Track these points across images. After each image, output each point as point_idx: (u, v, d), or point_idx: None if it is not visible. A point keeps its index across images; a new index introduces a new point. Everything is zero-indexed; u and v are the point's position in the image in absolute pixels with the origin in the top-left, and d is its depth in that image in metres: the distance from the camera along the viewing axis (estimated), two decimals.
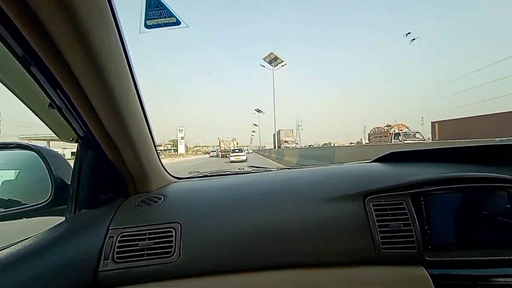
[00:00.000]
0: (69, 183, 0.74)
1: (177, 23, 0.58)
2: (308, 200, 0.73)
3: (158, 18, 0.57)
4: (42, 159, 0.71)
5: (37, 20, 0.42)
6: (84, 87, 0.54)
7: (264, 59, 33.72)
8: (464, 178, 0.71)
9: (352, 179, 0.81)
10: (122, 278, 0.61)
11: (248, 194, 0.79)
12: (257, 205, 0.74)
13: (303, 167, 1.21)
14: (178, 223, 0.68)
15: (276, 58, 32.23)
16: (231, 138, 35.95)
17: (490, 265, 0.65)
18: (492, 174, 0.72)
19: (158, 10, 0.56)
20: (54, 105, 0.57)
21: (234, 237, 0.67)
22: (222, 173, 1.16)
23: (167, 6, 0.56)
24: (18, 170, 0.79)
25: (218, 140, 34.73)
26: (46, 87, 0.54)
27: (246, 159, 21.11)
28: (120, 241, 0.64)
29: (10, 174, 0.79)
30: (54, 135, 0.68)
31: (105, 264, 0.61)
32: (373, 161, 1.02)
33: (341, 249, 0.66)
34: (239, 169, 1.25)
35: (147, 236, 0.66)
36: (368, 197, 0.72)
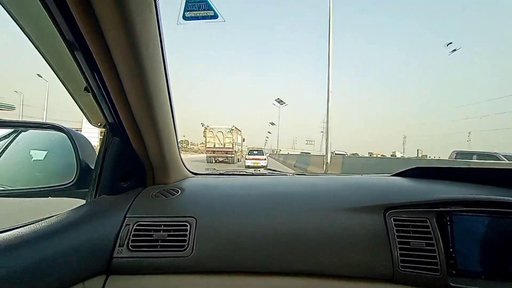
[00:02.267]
0: (93, 167, 0.76)
1: (215, 16, 0.58)
2: (325, 208, 0.70)
3: (197, 10, 0.57)
4: (71, 141, 0.73)
5: (89, 4, 0.44)
6: (120, 72, 0.56)
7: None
8: (496, 202, 0.65)
9: (373, 191, 0.77)
10: (134, 266, 0.61)
11: (264, 196, 0.77)
12: (273, 208, 0.71)
13: (319, 175, 1.18)
14: (193, 217, 0.67)
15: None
16: (227, 127, 18.12)
17: None
18: None
19: (197, 2, 0.56)
20: (89, 89, 0.59)
21: (249, 238, 0.65)
22: (238, 172, 1.15)
23: None
24: (47, 151, 0.82)
25: (204, 130, 18.10)
26: (85, 70, 0.56)
27: (267, 164, 14.23)
28: (136, 230, 0.64)
29: (41, 154, 0.82)
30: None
31: (119, 251, 0.61)
32: (395, 175, 0.97)
33: (356, 262, 0.62)
34: (255, 170, 1.24)
35: (162, 227, 0.65)
36: (390, 211, 0.67)
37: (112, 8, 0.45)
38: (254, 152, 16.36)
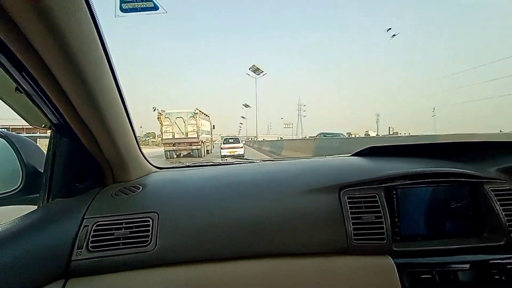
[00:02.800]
0: (42, 171, 0.71)
1: (155, 8, 0.56)
2: (286, 192, 0.75)
3: (134, 2, 0.54)
4: (11, 146, 0.68)
5: None
6: (53, 71, 0.51)
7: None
8: (433, 173, 0.76)
9: (330, 172, 0.84)
10: (96, 267, 0.61)
11: (227, 186, 0.80)
12: (235, 196, 0.75)
13: (285, 159, 1.24)
14: (155, 212, 0.68)
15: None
16: (189, 110, 14.47)
17: (449, 254, 0.71)
18: (456, 169, 0.77)
19: None
20: (21, 89, 0.54)
21: (212, 227, 0.68)
22: (205, 163, 1.16)
23: None
24: None
25: (158, 116, 14.10)
26: (11, 70, 0.51)
27: (244, 153, 13.32)
28: (95, 230, 0.64)
29: None
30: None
31: (78, 254, 0.61)
32: (353, 155, 1.05)
33: (316, 240, 0.69)
34: (222, 159, 1.25)
35: (124, 225, 0.65)
36: (344, 190, 0.75)
37: (31, 8, 0.40)
38: (230, 140, 14.84)
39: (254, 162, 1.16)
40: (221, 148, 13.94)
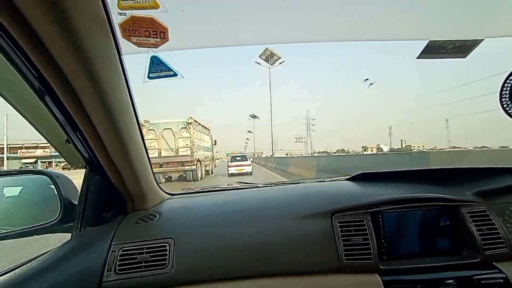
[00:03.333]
0: (76, 203, 0.84)
1: (175, 75, 0.72)
2: (284, 217, 0.86)
3: (159, 72, 0.70)
4: (53, 182, 0.81)
5: (55, 63, 0.53)
6: (96, 125, 0.67)
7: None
8: (414, 199, 0.87)
9: (324, 198, 0.95)
10: (123, 287, 0.72)
11: (233, 212, 0.91)
12: (241, 221, 0.86)
13: (285, 183, 1.35)
14: (171, 238, 0.79)
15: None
16: (180, 120, 11.05)
17: (432, 271, 0.79)
18: (435, 194, 0.87)
19: (159, 66, 0.69)
20: (70, 141, 0.69)
21: (220, 250, 0.78)
22: (213, 189, 1.28)
23: (166, 63, 0.69)
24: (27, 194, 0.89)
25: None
26: (65, 125, 0.66)
27: (252, 171, 13.33)
28: (121, 255, 0.75)
29: (25, 196, 0.89)
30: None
31: (108, 276, 0.71)
32: (347, 179, 1.16)
33: (310, 260, 0.79)
34: (227, 184, 1.37)
35: (145, 250, 0.76)
36: (335, 215, 0.84)
37: (82, 71, 0.55)
38: (237, 158, 14.28)
39: (257, 187, 1.27)
40: (229, 166, 13.64)
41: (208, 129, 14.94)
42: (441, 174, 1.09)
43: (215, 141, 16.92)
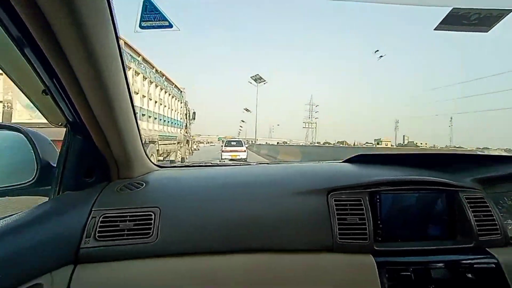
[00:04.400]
0: (55, 165, 0.78)
1: (170, 26, 0.64)
2: (278, 194, 0.82)
3: (152, 21, 0.63)
4: (29, 140, 0.74)
5: (37, 5, 0.45)
6: (78, 74, 0.58)
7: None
8: (412, 181, 0.85)
9: (320, 176, 0.92)
10: (102, 254, 0.67)
11: (225, 185, 0.87)
12: (232, 195, 0.82)
13: (280, 162, 1.31)
14: (157, 207, 0.74)
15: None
16: None
17: (426, 254, 0.78)
18: (435, 178, 0.85)
19: (152, 13, 0.61)
20: (47, 91, 0.62)
21: (208, 223, 0.74)
22: (204, 164, 1.23)
23: (161, 10, 0.62)
24: None
25: None
26: (42, 74, 0.58)
27: (247, 157, 12.39)
28: (102, 221, 0.70)
29: None
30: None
31: (86, 242, 0.66)
32: (344, 162, 1.14)
33: (303, 238, 0.76)
34: (219, 161, 1.33)
35: (128, 218, 0.71)
36: (331, 193, 0.82)
37: (63, 14, 0.47)
38: (232, 143, 13.46)
39: (250, 165, 1.23)
40: (222, 151, 12.87)
41: (180, 90, 10.01)
42: (441, 159, 1.07)
43: (194, 112, 12.08)
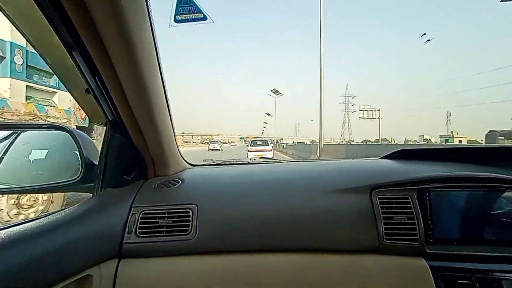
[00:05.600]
0: (96, 163, 0.81)
1: (204, 18, 0.62)
2: (317, 191, 0.78)
3: (187, 14, 0.61)
4: (74, 140, 0.78)
5: (87, 10, 0.48)
6: (120, 75, 0.60)
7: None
8: (468, 177, 0.74)
9: (361, 173, 0.85)
10: (143, 250, 0.68)
11: (260, 182, 0.84)
12: (268, 192, 0.79)
13: (312, 160, 1.26)
14: (194, 204, 0.74)
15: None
16: None
17: (488, 261, 0.68)
18: (494, 174, 0.74)
19: (187, 6, 0.60)
20: (90, 90, 0.64)
21: (246, 220, 0.72)
22: (235, 162, 1.22)
23: (195, 2, 0.60)
24: (48, 150, 0.87)
25: None
26: (86, 73, 0.60)
27: (273, 157, 12.22)
28: (142, 218, 0.71)
29: (42, 153, 0.87)
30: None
31: (128, 237, 0.68)
32: (382, 158, 1.05)
33: (346, 238, 0.71)
34: (250, 159, 1.31)
35: (166, 215, 0.72)
36: (375, 191, 0.75)
37: (107, 13, 0.49)
38: (258, 142, 13.63)
39: (281, 162, 1.19)
40: (248, 151, 13.26)
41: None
42: (497, 153, 0.94)
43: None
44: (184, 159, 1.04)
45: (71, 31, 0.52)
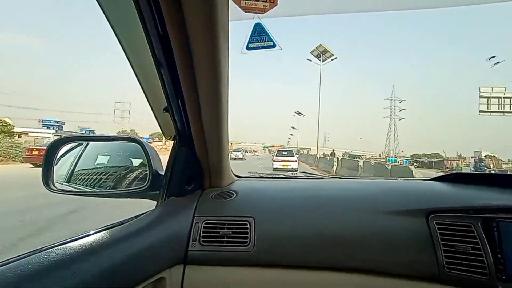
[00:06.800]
0: (161, 173, 0.89)
1: (273, 46, 0.68)
2: (371, 211, 0.77)
3: (258, 42, 0.67)
4: (144, 151, 0.87)
5: (186, 35, 0.55)
6: (200, 91, 0.67)
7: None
8: None
9: (414, 195, 0.83)
10: (206, 258, 0.72)
11: (312, 199, 0.86)
12: (323, 210, 0.80)
13: (354, 178, 1.24)
14: (251, 217, 0.78)
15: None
16: None
17: None
18: None
19: (260, 35, 0.66)
20: (169, 108, 0.72)
21: (303, 236, 0.74)
22: (277, 175, 1.25)
23: (268, 32, 0.66)
24: (121, 159, 0.98)
25: None
26: (170, 93, 0.68)
27: (298, 168, 13.11)
28: (204, 227, 0.76)
29: (121, 161, 0.98)
30: None
31: (193, 245, 0.73)
32: (434, 179, 1.00)
33: (403, 262, 0.69)
34: (292, 173, 1.33)
35: (226, 225, 0.76)
36: (432, 215, 0.73)
37: (203, 35, 0.56)
38: (283, 153, 13.96)
39: (323, 178, 1.19)
40: (274, 161, 13.60)
41: None
42: None
43: None
44: (231, 171, 1.09)
45: (166, 50, 0.59)
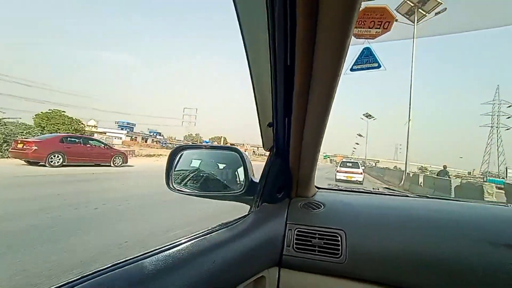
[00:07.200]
0: (255, 181, 0.99)
1: (378, 66, 0.72)
2: (473, 238, 0.70)
3: (364, 64, 0.72)
4: (242, 160, 0.99)
5: (313, 53, 0.58)
6: (310, 107, 0.71)
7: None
8: None
9: None
10: (299, 264, 0.77)
11: (401, 217, 0.82)
12: (420, 231, 0.75)
13: (447, 199, 1.11)
14: (342, 230, 0.79)
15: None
16: None
17: None
18: None
19: (367, 58, 0.71)
20: (273, 124, 0.82)
21: (397, 255, 0.71)
22: (356, 189, 1.22)
23: (375, 54, 0.70)
24: (225, 165, 1.13)
25: None
26: (279, 110, 0.76)
27: (363, 181, 12.89)
28: (297, 234, 0.81)
29: (221, 167, 1.14)
30: None
31: (287, 250, 0.79)
32: None
33: None
34: (373, 188, 1.28)
35: (317, 236, 0.79)
36: None
37: (327, 69, 0.60)
38: (348, 164, 13.61)
39: (407, 196, 1.11)
40: (337, 171, 13.34)
41: None
42: None
43: None
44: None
45: (288, 77, 0.64)
